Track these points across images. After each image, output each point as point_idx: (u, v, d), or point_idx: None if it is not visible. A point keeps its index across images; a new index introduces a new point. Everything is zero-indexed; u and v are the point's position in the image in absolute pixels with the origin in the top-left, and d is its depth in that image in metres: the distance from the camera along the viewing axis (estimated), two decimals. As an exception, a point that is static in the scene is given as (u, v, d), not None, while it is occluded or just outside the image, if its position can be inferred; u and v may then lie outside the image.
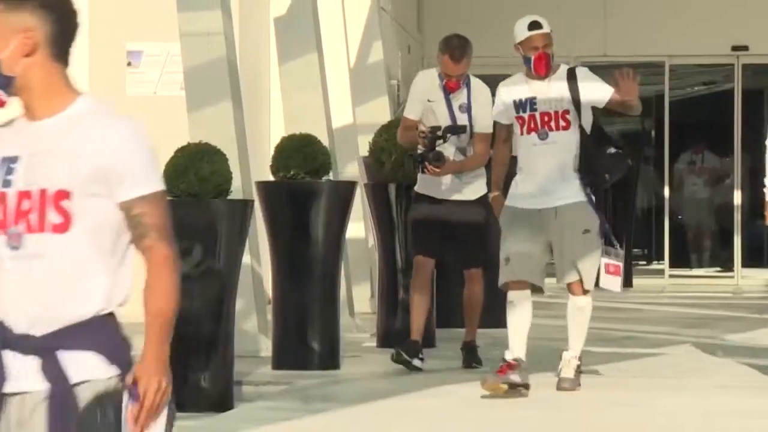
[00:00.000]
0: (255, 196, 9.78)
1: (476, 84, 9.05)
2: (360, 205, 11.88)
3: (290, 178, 9.68)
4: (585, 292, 7.35)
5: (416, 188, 9.15)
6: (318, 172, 9.82)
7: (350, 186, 10.82)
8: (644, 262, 20.07)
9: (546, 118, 7.29)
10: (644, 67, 19.45)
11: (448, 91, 9.01)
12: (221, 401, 8.34)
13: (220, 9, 10.60)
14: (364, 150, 12.46)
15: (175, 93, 12.25)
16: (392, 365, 9.93)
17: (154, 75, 13.46)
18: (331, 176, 10.18)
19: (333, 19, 14.26)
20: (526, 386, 7.29)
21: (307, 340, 9.93)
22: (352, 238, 11.73)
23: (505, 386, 7.09)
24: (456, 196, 8.85)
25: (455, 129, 8.84)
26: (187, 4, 10.62)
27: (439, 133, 8.85)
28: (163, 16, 10.97)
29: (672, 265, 19.53)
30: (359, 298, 12.86)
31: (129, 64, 13.50)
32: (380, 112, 14.38)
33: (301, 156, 9.68)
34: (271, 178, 10.02)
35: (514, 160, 8.17)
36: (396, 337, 10.70)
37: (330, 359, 10.04)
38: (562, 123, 7.32)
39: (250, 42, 12.43)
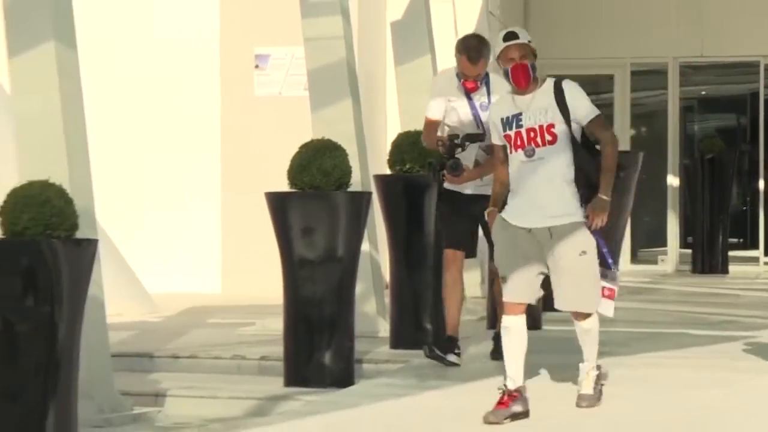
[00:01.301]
0: (373, 189, 9.99)
1: (495, 81, 8.60)
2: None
3: (406, 172, 9.80)
4: (587, 316, 6.90)
5: (444, 185, 8.77)
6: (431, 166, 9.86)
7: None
8: (740, 250, 19.97)
9: (532, 134, 6.74)
10: (739, 66, 19.33)
11: (467, 91, 8.67)
12: (343, 378, 8.44)
13: (340, 15, 10.83)
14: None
15: (299, 93, 12.53)
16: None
17: (279, 77, 13.86)
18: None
19: (445, 23, 14.44)
20: (527, 413, 6.85)
21: (421, 321, 10.01)
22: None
23: (508, 420, 6.70)
24: (481, 191, 8.51)
25: (473, 137, 8.50)
26: (310, 10, 10.84)
27: (458, 141, 8.50)
28: (287, 22, 11.25)
29: (767, 253, 19.45)
30: (470, 283, 12.98)
31: (257, 66, 13.88)
32: (489, 108, 14.40)
33: (416, 151, 9.70)
34: (387, 171, 10.18)
35: None
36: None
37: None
38: (548, 137, 6.72)
39: (367, 45, 12.64)
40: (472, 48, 8.50)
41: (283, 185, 8.77)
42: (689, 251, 18.55)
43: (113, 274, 10.62)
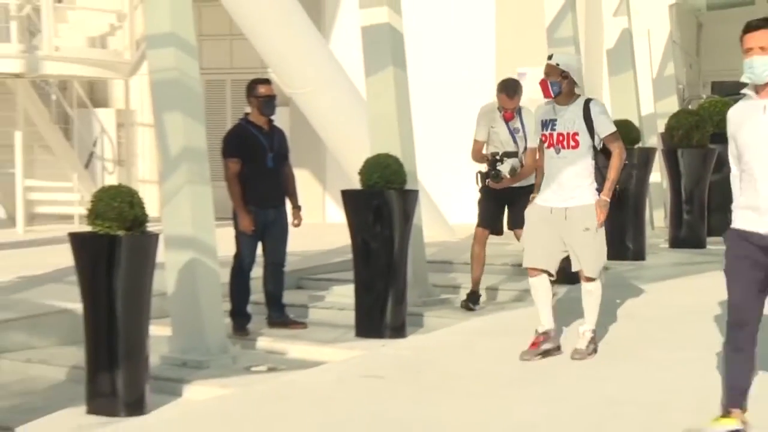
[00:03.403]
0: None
1: (526, 112, 8.33)
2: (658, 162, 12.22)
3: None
4: (589, 279, 6.37)
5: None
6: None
7: (652, 151, 11.60)
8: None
9: (560, 138, 6.35)
10: None
11: (506, 119, 8.39)
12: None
13: (573, 45, 10.95)
14: (661, 128, 12.71)
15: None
16: (683, 260, 10.46)
17: (533, 88, 13.71)
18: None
19: (643, 49, 14.34)
20: (558, 348, 6.51)
21: (624, 240, 10.38)
22: (654, 182, 12.12)
23: (540, 356, 6.37)
24: (510, 185, 8.30)
25: (510, 154, 8.30)
26: (554, 42, 11.01)
27: (498, 157, 8.29)
28: (539, 49, 10.92)
29: None
30: (657, 217, 13.26)
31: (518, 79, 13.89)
32: (671, 105, 14.33)
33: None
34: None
35: None
36: (681, 243, 11.46)
37: (639, 254, 10.67)
38: (572, 143, 6.31)
39: (588, 68, 12.27)
40: (510, 88, 8.38)
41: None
42: None
43: (426, 211, 10.55)
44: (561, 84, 6.37)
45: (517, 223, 7.95)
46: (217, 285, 7.04)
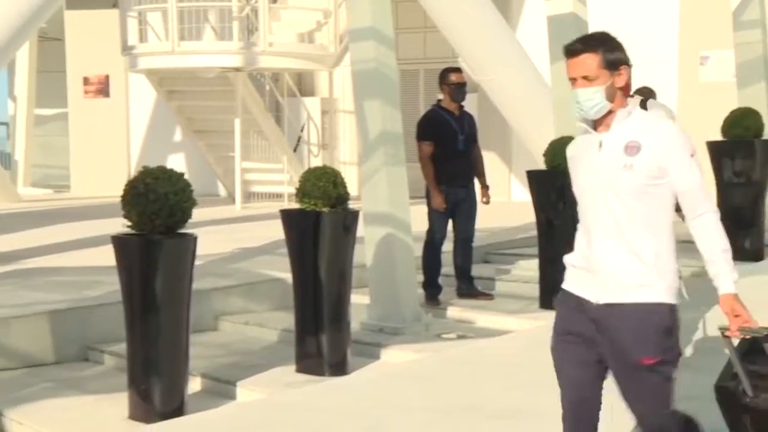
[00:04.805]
0: None
1: (653, 105, 7.90)
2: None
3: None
4: None
5: None
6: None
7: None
8: None
9: None
10: None
11: None
12: None
13: (759, 27, 10.45)
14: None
15: (728, 79, 11.68)
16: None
17: (715, 69, 13.02)
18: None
19: None
20: None
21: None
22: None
23: None
24: None
25: None
26: (739, 25, 10.57)
27: None
28: (723, 30, 10.89)
29: None
30: None
31: (701, 63, 13.33)
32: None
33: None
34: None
35: None
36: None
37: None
38: None
39: None
40: (638, 91, 7.94)
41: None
42: None
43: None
44: None
45: None
46: (411, 258, 7.10)
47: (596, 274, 3.25)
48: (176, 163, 16.83)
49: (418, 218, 7.61)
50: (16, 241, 10.42)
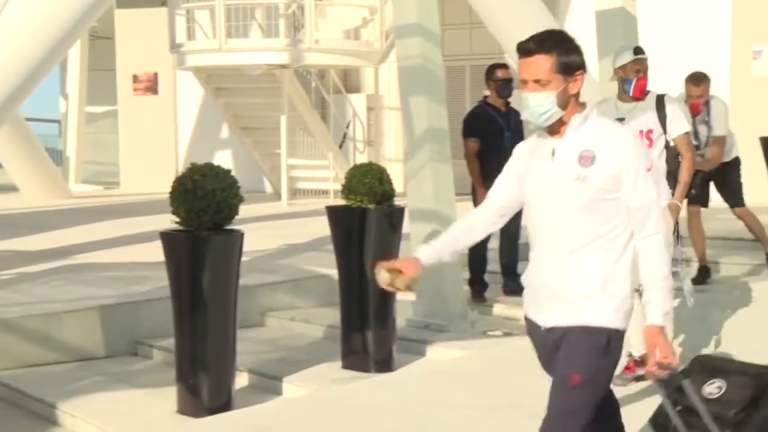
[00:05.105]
0: None
1: (714, 102, 7.74)
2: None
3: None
4: None
5: None
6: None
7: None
8: None
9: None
10: None
11: (693, 110, 7.64)
12: None
13: None
14: None
15: None
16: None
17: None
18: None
19: None
20: None
21: None
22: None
23: (634, 381, 5.39)
24: None
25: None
26: None
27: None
28: None
29: None
30: None
31: (754, 58, 13.13)
32: None
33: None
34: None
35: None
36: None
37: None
38: (645, 141, 5.31)
39: None
40: (697, 79, 7.70)
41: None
42: None
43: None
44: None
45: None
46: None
47: (542, 292, 3.14)
48: (223, 159, 16.86)
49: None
50: (67, 237, 10.56)
